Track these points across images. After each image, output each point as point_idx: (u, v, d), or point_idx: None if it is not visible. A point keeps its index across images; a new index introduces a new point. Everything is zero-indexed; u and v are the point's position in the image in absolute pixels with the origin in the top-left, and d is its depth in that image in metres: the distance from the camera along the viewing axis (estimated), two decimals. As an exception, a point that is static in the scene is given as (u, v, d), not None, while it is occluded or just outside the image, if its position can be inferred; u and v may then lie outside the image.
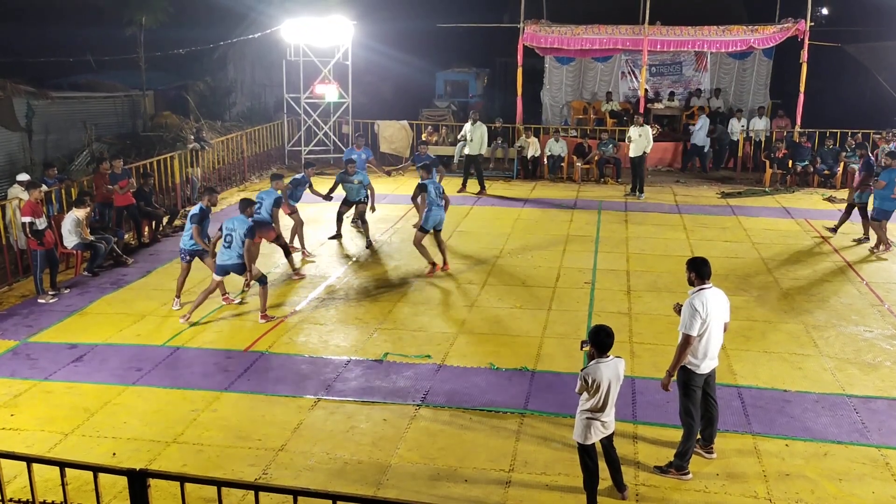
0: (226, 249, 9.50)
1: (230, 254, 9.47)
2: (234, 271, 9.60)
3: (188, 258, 10.12)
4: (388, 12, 24.96)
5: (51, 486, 5.76)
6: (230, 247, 9.46)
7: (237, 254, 9.44)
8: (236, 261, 9.47)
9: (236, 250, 9.43)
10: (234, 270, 9.59)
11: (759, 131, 19.86)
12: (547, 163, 19.14)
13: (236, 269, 9.56)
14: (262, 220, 10.83)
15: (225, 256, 9.52)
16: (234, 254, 9.45)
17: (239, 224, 9.48)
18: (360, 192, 12.99)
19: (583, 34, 19.64)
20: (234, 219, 9.58)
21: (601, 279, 11.28)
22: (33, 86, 16.36)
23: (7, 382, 8.03)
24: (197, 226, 9.90)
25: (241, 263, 9.48)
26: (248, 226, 9.45)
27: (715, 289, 6.31)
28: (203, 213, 9.99)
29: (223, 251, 9.54)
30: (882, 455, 6.66)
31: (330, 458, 6.62)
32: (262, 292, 9.76)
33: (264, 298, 9.76)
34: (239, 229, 9.44)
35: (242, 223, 9.48)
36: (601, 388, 5.63)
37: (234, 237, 9.44)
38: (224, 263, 9.54)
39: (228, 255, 9.49)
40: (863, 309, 10.07)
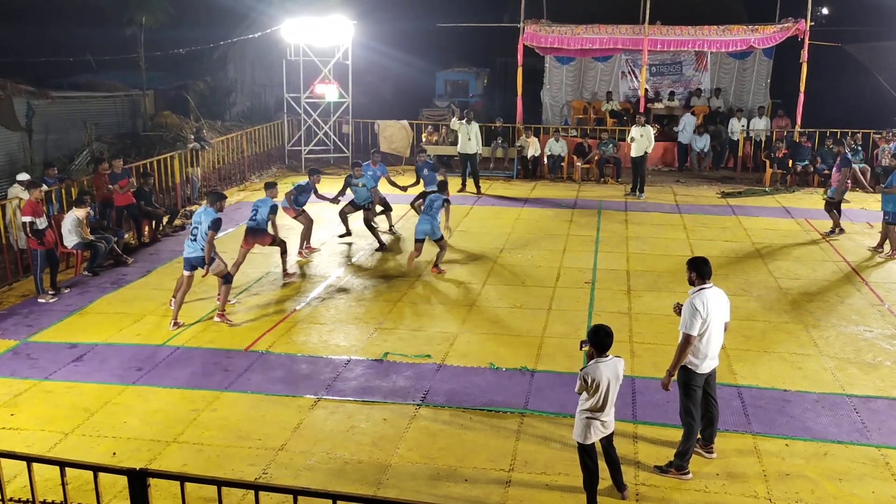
0: (191, 243, 9.43)
1: (195, 247, 9.39)
2: (199, 265, 9.48)
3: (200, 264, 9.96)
4: (388, 12, 24.97)
5: (51, 485, 5.76)
6: (195, 240, 9.39)
7: (200, 247, 9.35)
8: (200, 254, 9.38)
9: (201, 243, 9.35)
10: (198, 264, 9.47)
11: (760, 131, 19.86)
12: (547, 162, 19.14)
13: (201, 262, 9.44)
14: (258, 228, 10.86)
15: (190, 249, 9.44)
16: (198, 247, 9.37)
17: (205, 217, 9.36)
18: (364, 197, 12.96)
19: (583, 34, 19.64)
20: (201, 211, 9.50)
21: (601, 279, 11.28)
22: (33, 85, 16.37)
23: (7, 382, 8.03)
24: (213, 232, 9.48)
25: (202, 257, 9.38)
26: (213, 218, 9.29)
27: (715, 288, 6.32)
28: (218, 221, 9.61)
29: (188, 244, 9.46)
30: (882, 455, 6.66)
31: (330, 458, 6.62)
32: (224, 290, 9.66)
33: (225, 297, 9.68)
34: (204, 222, 9.32)
35: (208, 215, 9.34)
36: (601, 388, 5.63)
37: (200, 230, 9.35)
38: (189, 257, 9.45)
39: (193, 248, 9.41)
40: (863, 309, 10.07)
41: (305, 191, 12.51)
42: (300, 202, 12.44)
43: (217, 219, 9.33)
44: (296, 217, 12.44)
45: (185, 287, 9.60)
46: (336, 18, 19.54)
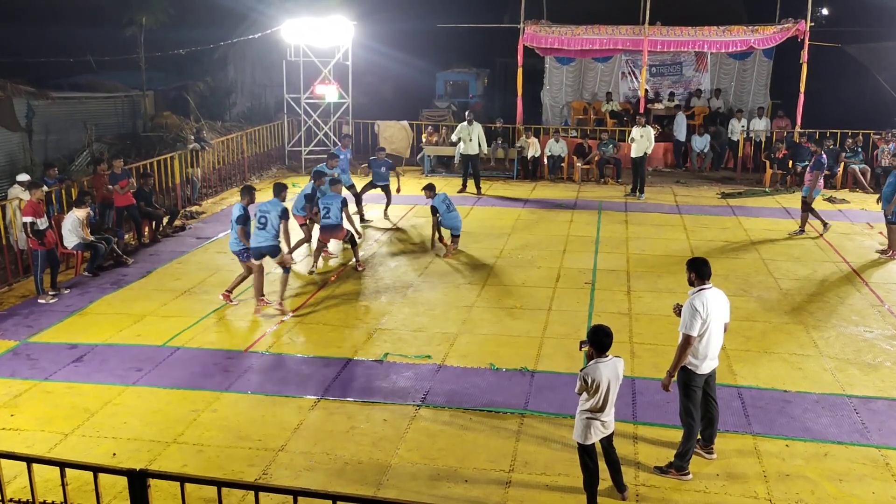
0: (260, 231, 9.67)
1: (265, 235, 9.66)
2: (269, 254, 9.79)
3: (246, 255, 10.06)
4: (388, 13, 24.98)
5: (51, 486, 5.76)
6: (264, 228, 9.64)
7: (273, 235, 9.67)
8: (272, 242, 9.71)
9: (271, 231, 9.65)
10: (268, 253, 9.77)
11: (760, 132, 19.86)
12: (547, 163, 19.14)
13: (271, 251, 9.76)
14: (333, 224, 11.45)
15: (260, 238, 9.69)
16: (269, 235, 9.67)
17: (272, 206, 9.71)
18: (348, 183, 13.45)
19: (583, 34, 19.64)
20: (268, 202, 9.81)
21: (601, 279, 11.28)
22: (34, 86, 16.37)
23: (7, 382, 8.03)
24: (242, 227, 9.90)
25: (275, 245, 9.74)
26: (282, 207, 9.71)
27: (715, 289, 6.32)
28: (247, 214, 9.99)
29: (257, 233, 9.70)
30: (882, 455, 6.66)
31: (330, 459, 6.62)
32: (283, 279, 10.02)
33: (284, 286, 10.04)
34: (273, 211, 9.66)
35: (276, 205, 9.73)
36: (601, 388, 5.63)
37: (269, 219, 9.65)
38: (259, 245, 9.71)
39: (263, 236, 9.67)
40: (863, 309, 10.07)
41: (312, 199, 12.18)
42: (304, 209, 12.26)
43: (286, 208, 9.81)
44: (302, 225, 12.31)
45: (258, 275, 9.90)
46: (336, 19, 19.53)
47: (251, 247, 9.81)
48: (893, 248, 12.23)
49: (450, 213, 12.43)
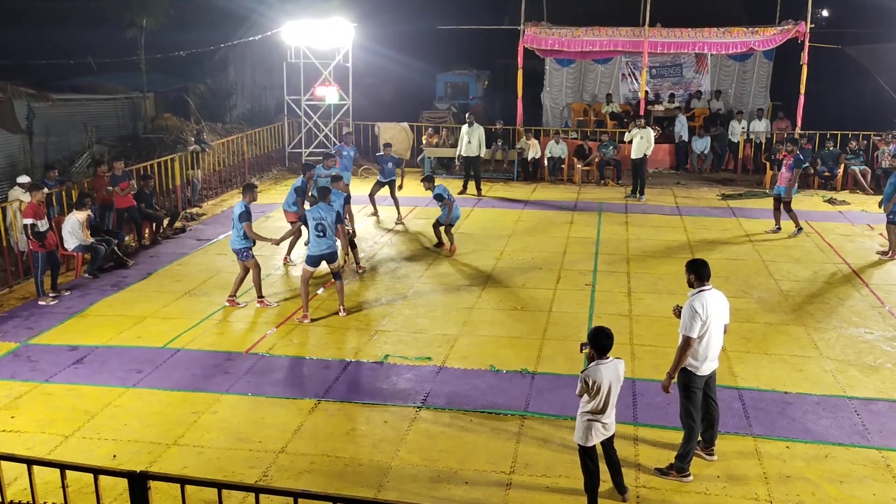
0: (319, 239, 9.65)
1: (327, 242, 9.67)
2: (328, 259, 9.78)
3: (250, 254, 10.10)
4: (388, 14, 25.00)
5: (51, 488, 5.75)
6: (324, 235, 9.63)
7: (331, 242, 9.68)
8: (330, 250, 9.71)
9: (332, 238, 9.66)
10: (327, 259, 9.77)
11: (760, 133, 19.87)
12: (547, 165, 19.15)
13: (329, 257, 9.75)
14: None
15: (322, 246, 9.67)
16: (328, 242, 9.67)
17: (326, 212, 9.66)
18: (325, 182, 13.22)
19: (583, 36, 19.64)
20: (318, 207, 9.76)
21: (601, 281, 11.28)
22: (34, 88, 16.37)
23: (7, 384, 8.03)
24: (248, 223, 9.91)
25: (334, 251, 9.75)
26: (336, 212, 9.72)
27: (714, 290, 6.31)
28: (249, 211, 9.99)
29: (316, 241, 9.67)
30: (883, 457, 6.65)
31: (330, 460, 6.62)
32: (339, 286, 10.00)
33: (341, 293, 10.02)
34: (328, 217, 9.63)
35: (329, 211, 9.69)
36: (601, 390, 5.63)
37: (326, 225, 9.62)
38: (320, 253, 9.69)
39: (325, 243, 9.67)
40: (863, 311, 10.06)
41: (303, 192, 12.34)
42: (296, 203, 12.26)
43: (339, 212, 9.97)
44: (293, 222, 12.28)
45: (306, 278, 9.85)
46: (336, 21, 19.55)
47: (309, 254, 9.81)
48: (894, 248, 12.23)
49: (453, 201, 12.54)
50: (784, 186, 13.51)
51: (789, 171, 13.45)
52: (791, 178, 13.43)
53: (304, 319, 9.72)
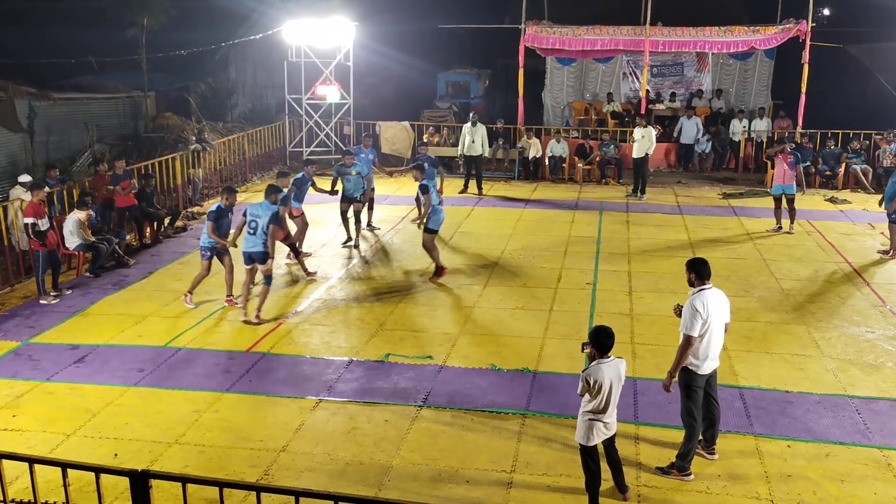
0: (250, 237, 9.52)
1: (255, 241, 9.49)
2: (258, 260, 9.60)
3: (207, 255, 10.11)
4: (389, 14, 24.99)
5: (53, 486, 5.76)
6: (255, 233, 9.48)
7: (262, 241, 9.46)
8: (261, 248, 9.49)
9: (261, 237, 9.45)
10: (257, 259, 9.59)
11: (761, 132, 19.86)
12: (548, 164, 19.14)
13: (259, 257, 9.56)
14: None
15: (250, 244, 9.53)
16: (259, 241, 9.47)
17: (264, 210, 9.48)
18: (357, 187, 12.79)
19: (584, 35, 19.63)
20: (259, 205, 9.59)
21: (602, 280, 11.28)
22: (35, 87, 16.39)
23: (9, 383, 8.04)
24: (212, 223, 9.89)
25: (264, 252, 9.51)
26: (273, 212, 9.48)
27: (715, 289, 6.31)
28: (220, 212, 9.99)
29: (248, 238, 9.54)
30: (884, 456, 6.65)
31: (331, 459, 6.62)
32: (264, 291, 9.74)
33: (264, 298, 9.74)
34: (264, 216, 9.45)
35: (267, 209, 9.49)
36: (603, 389, 5.63)
37: (259, 224, 9.45)
38: (249, 251, 9.55)
39: (253, 242, 9.50)
40: (865, 310, 10.06)
41: (304, 183, 12.34)
42: (300, 196, 12.25)
43: (277, 212, 9.53)
44: (294, 218, 12.32)
45: (248, 279, 9.71)
46: (337, 20, 19.55)
47: (242, 251, 9.66)
48: (895, 247, 12.22)
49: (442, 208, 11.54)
50: (791, 184, 13.51)
51: (792, 168, 13.44)
52: (796, 174, 13.44)
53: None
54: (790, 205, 13.68)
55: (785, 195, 13.63)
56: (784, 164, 13.53)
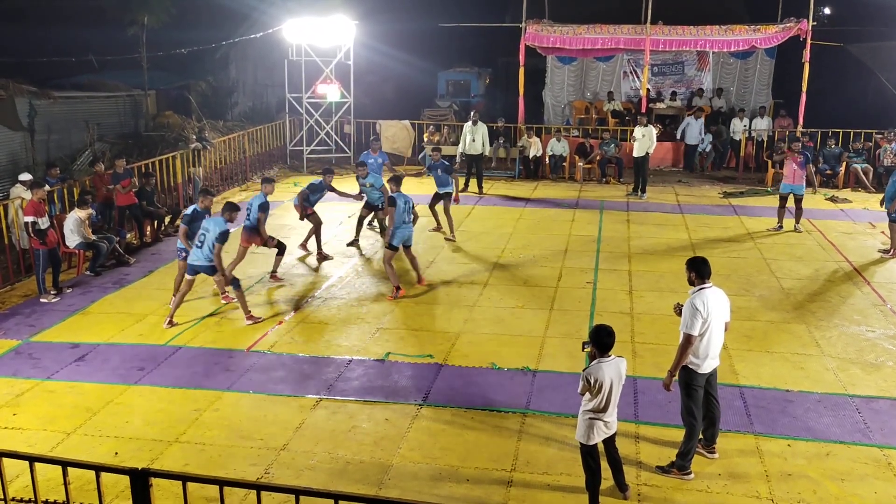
0: (197, 249, 9.40)
1: (200, 254, 9.35)
2: (205, 272, 9.48)
3: (183, 256, 10.04)
4: (389, 12, 24.98)
5: (53, 485, 5.76)
6: (201, 247, 9.35)
7: (206, 256, 9.30)
8: (205, 263, 9.34)
9: (206, 252, 9.29)
10: (203, 272, 9.47)
11: (762, 131, 19.85)
12: (549, 162, 19.14)
13: (206, 270, 9.43)
14: (249, 226, 10.80)
15: (195, 256, 9.41)
16: (203, 256, 9.32)
17: (213, 226, 9.32)
18: (372, 195, 12.73)
19: (585, 34, 19.63)
20: (212, 220, 9.48)
21: (603, 279, 11.27)
22: (36, 86, 16.39)
23: (9, 382, 8.04)
24: (185, 226, 9.85)
25: (210, 266, 9.36)
26: (221, 229, 9.25)
27: (715, 288, 6.31)
28: (194, 215, 9.90)
29: (195, 251, 9.42)
30: (884, 455, 6.65)
31: (332, 458, 6.62)
32: (238, 295, 9.63)
33: (242, 301, 9.64)
34: (213, 231, 9.28)
35: (217, 225, 9.30)
36: (603, 388, 5.63)
37: (207, 238, 9.30)
38: (194, 263, 9.43)
39: (198, 255, 9.37)
40: (865, 309, 10.06)
41: (318, 190, 12.30)
42: (312, 201, 12.26)
43: (225, 231, 9.29)
44: (305, 217, 12.29)
45: (184, 289, 9.60)
46: (338, 18, 19.55)
47: (189, 263, 9.50)
48: (895, 247, 12.21)
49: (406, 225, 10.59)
50: (800, 184, 13.51)
51: (802, 168, 13.44)
52: (805, 174, 13.43)
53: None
54: (797, 204, 13.69)
55: (794, 195, 13.63)
56: (794, 165, 13.53)
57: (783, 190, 13.82)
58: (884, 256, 12.25)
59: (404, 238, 10.64)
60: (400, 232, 10.52)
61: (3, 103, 15.05)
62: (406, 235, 10.65)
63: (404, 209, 10.49)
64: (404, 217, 10.50)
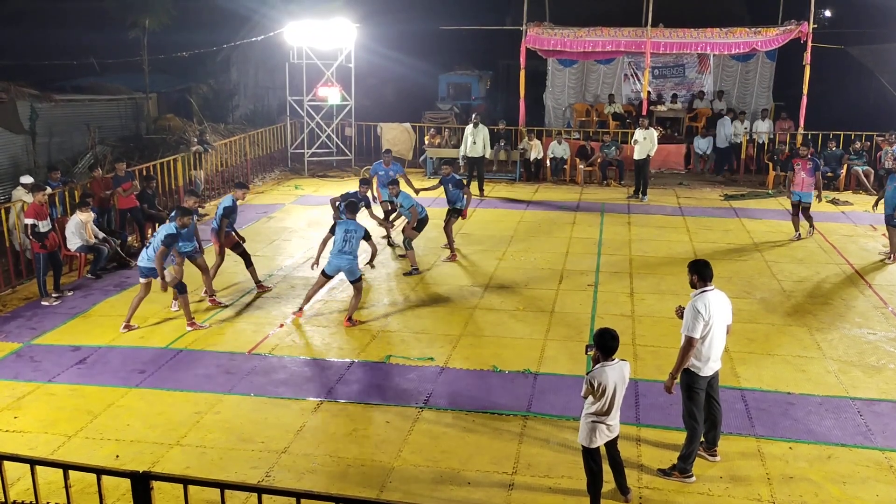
0: (144, 251, 9.43)
1: (144, 256, 9.39)
2: (151, 275, 9.38)
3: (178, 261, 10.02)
4: (390, 15, 25.00)
5: (54, 488, 5.76)
6: (147, 249, 9.37)
7: (149, 258, 9.29)
8: (147, 264, 9.32)
9: (151, 254, 9.28)
10: (150, 274, 9.38)
11: (763, 133, 19.84)
12: (550, 165, 19.14)
13: (152, 272, 9.33)
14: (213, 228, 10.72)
15: (143, 258, 9.43)
16: (146, 258, 9.34)
17: (161, 229, 9.33)
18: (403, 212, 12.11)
19: (585, 36, 19.63)
20: (164, 225, 9.47)
21: (604, 281, 11.27)
22: (37, 88, 16.40)
23: (10, 385, 8.05)
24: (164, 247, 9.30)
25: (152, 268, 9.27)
26: (165, 233, 9.17)
27: (717, 291, 6.31)
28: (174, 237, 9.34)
29: (143, 253, 9.44)
30: (886, 458, 6.64)
31: (333, 461, 6.62)
32: (183, 300, 9.54)
33: (186, 306, 9.55)
34: (158, 235, 9.29)
35: (164, 229, 9.28)
36: (607, 392, 5.62)
37: (153, 242, 9.29)
38: (142, 265, 9.43)
39: (144, 257, 9.40)
40: (866, 311, 10.05)
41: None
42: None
43: (169, 234, 9.16)
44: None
45: (140, 293, 9.53)
46: (339, 21, 19.57)
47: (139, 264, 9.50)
48: (894, 251, 12.18)
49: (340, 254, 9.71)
50: (809, 192, 13.30)
51: (810, 175, 13.27)
52: (814, 182, 13.27)
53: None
54: (805, 213, 13.44)
55: (802, 202, 13.42)
56: (803, 172, 13.33)
57: (793, 198, 13.58)
58: (886, 262, 12.18)
59: (339, 269, 9.72)
60: (333, 260, 9.70)
61: (5, 106, 15.06)
62: (339, 267, 9.69)
63: (343, 238, 9.65)
64: (341, 246, 9.62)
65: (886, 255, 12.37)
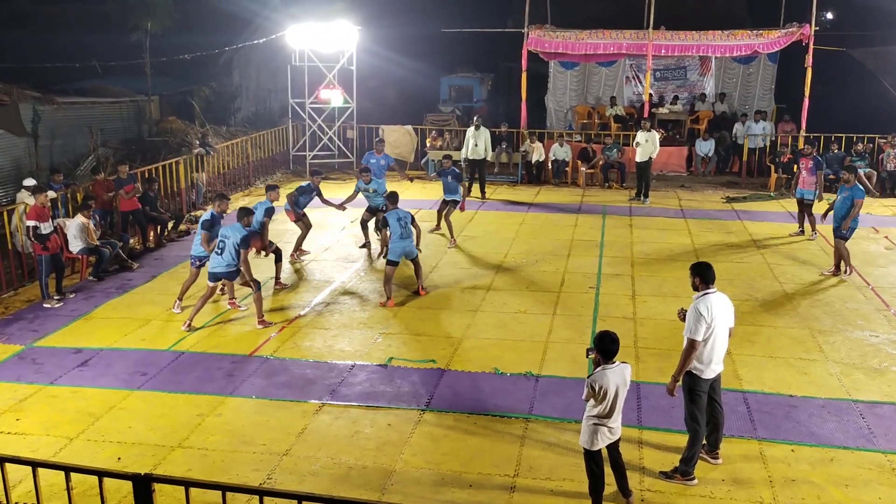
0: (216, 256, 9.49)
1: (220, 261, 9.46)
2: (226, 278, 9.63)
3: (197, 264, 10.14)
4: (392, 17, 25.03)
5: (56, 490, 5.76)
6: (222, 254, 9.44)
7: (226, 262, 9.42)
8: (224, 269, 9.47)
9: (227, 258, 9.41)
10: (225, 277, 9.61)
11: (757, 136, 19.82)
12: (551, 167, 19.15)
13: (228, 276, 9.57)
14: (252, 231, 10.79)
15: (215, 263, 9.51)
16: (223, 262, 9.43)
17: (233, 232, 9.43)
18: (376, 201, 12.75)
19: (587, 39, 19.65)
20: (230, 227, 9.56)
21: (606, 284, 11.26)
22: (39, 91, 16.44)
23: (12, 387, 8.05)
24: (206, 232, 9.90)
25: (232, 271, 9.49)
26: (242, 235, 9.41)
27: (719, 293, 6.30)
28: (213, 220, 10.00)
29: (214, 258, 9.52)
30: (889, 461, 6.63)
31: (334, 463, 6.62)
32: (257, 297, 9.71)
33: (259, 304, 9.73)
34: (233, 237, 9.40)
35: (237, 232, 9.43)
36: (608, 395, 5.62)
37: (227, 245, 9.40)
38: (214, 270, 9.54)
39: (219, 262, 9.47)
40: (868, 314, 10.03)
41: (306, 192, 12.45)
42: (301, 204, 12.37)
43: (246, 236, 9.46)
44: (295, 221, 12.43)
45: (208, 295, 9.70)
46: (341, 24, 19.60)
47: (209, 271, 9.63)
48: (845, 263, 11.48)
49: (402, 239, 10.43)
50: (810, 190, 13.38)
51: (812, 174, 13.34)
52: (816, 181, 13.33)
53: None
54: (807, 210, 13.52)
55: (804, 200, 13.52)
56: (804, 170, 13.47)
57: (797, 195, 13.73)
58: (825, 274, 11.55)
59: (404, 252, 10.51)
60: (396, 247, 10.43)
61: (7, 109, 15.09)
62: (403, 250, 10.48)
63: (399, 226, 10.38)
64: (400, 232, 10.38)
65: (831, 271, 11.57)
